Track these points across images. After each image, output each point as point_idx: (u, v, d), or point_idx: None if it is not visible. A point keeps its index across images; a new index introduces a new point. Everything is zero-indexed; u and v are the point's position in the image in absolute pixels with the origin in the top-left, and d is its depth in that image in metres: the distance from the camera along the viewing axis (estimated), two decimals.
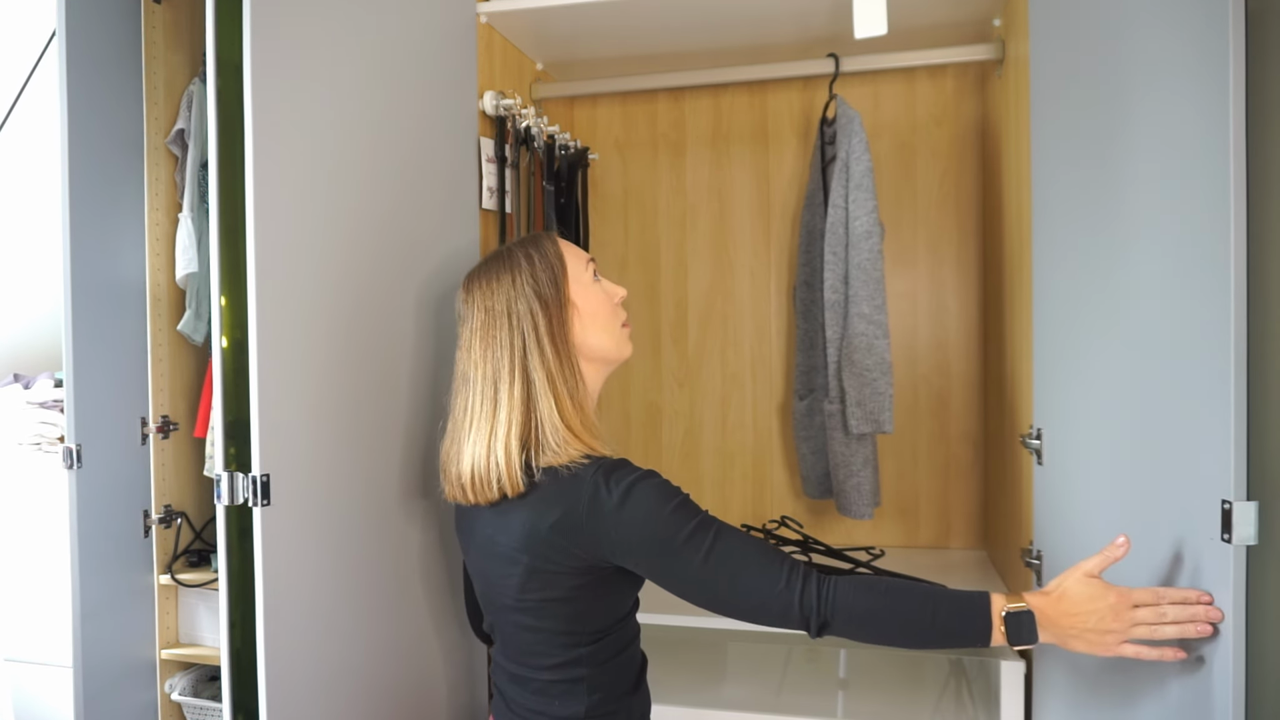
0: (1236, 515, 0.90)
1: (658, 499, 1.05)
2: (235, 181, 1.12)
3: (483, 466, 1.11)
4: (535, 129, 1.77)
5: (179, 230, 1.76)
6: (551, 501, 1.08)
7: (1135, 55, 1.09)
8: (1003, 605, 0.99)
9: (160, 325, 1.79)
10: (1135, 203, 1.10)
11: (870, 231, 1.70)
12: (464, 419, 1.15)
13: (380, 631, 1.32)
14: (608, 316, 1.20)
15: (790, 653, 1.94)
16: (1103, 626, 0.97)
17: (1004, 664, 1.51)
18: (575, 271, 1.20)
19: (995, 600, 1.00)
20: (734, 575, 1.03)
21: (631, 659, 1.21)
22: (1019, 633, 0.98)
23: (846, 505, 1.80)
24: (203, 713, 1.81)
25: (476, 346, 1.16)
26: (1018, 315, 1.60)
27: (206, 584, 1.75)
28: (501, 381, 1.13)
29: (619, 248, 2.23)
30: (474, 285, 1.20)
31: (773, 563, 1.04)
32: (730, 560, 1.04)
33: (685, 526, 1.04)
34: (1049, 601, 0.99)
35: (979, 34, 1.84)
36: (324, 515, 1.20)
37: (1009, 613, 0.99)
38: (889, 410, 1.71)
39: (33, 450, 1.94)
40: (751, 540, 1.06)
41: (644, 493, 1.06)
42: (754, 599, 1.04)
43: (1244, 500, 0.90)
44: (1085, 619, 0.97)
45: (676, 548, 1.04)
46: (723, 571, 1.03)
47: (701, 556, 1.04)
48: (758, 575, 1.03)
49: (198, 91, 1.79)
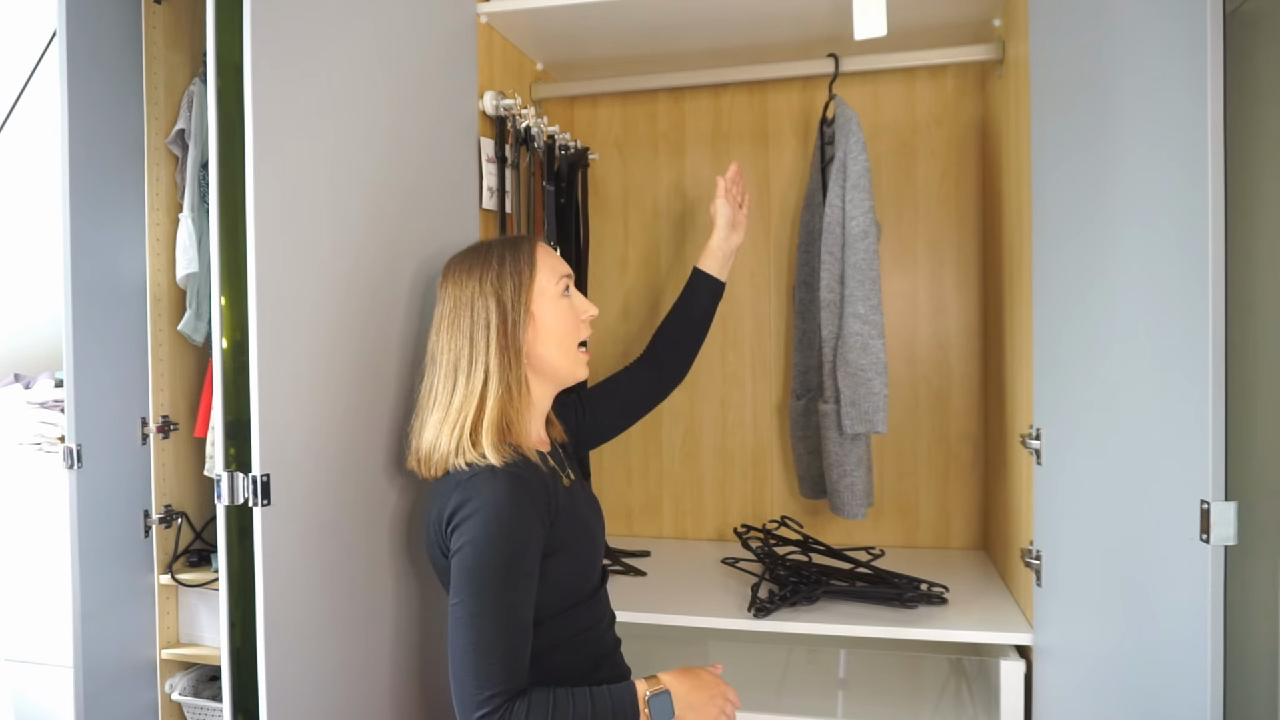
0: (1214, 515, 0.91)
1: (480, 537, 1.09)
2: (235, 181, 1.12)
3: (431, 445, 1.18)
4: (535, 129, 1.77)
5: (179, 230, 1.76)
6: (445, 494, 1.15)
7: (1121, 56, 1.10)
8: (645, 691, 1.13)
9: (160, 325, 1.79)
10: (1120, 202, 1.12)
11: (866, 231, 1.70)
12: (427, 397, 1.21)
13: (380, 631, 1.32)
14: (564, 334, 1.23)
15: (790, 653, 1.94)
16: (708, 702, 1.17)
17: (1004, 664, 1.51)
18: (543, 284, 1.22)
19: (640, 687, 1.14)
20: (461, 648, 1.07)
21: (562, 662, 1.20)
22: (660, 712, 1.13)
23: (839, 505, 1.81)
24: (203, 713, 1.81)
25: (443, 332, 1.21)
26: (1018, 315, 1.60)
27: (206, 584, 1.75)
28: (460, 370, 1.18)
29: (619, 248, 2.23)
30: (450, 272, 1.24)
31: (488, 678, 1.05)
32: (467, 636, 1.07)
33: (477, 577, 1.08)
34: (679, 679, 1.17)
35: (979, 34, 1.84)
36: (324, 515, 1.20)
37: (650, 696, 1.13)
38: (883, 410, 1.71)
39: (33, 450, 1.95)
40: (498, 641, 1.07)
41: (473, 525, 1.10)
42: (457, 683, 1.07)
43: (1222, 500, 0.91)
44: (702, 692, 1.17)
45: (459, 584, 1.09)
46: (457, 637, 1.08)
47: (460, 607, 1.08)
48: (471, 672, 1.06)
49: (198, 91, 1.79)
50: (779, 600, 1.62)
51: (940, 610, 1.61)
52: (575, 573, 1.21)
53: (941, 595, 1.64)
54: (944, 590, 1.66)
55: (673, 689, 1.14)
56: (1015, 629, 1.51)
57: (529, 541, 1.12)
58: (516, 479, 1.13)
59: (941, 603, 1.64)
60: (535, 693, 1.08)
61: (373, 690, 1.30)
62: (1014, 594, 1.67)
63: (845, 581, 1.70)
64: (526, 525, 1.11)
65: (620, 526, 2.26)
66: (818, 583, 1.68)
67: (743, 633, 1.59)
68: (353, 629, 1.26)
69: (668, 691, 1.13)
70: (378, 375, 1.32)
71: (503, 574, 1.08)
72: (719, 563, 1.95)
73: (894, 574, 1.69)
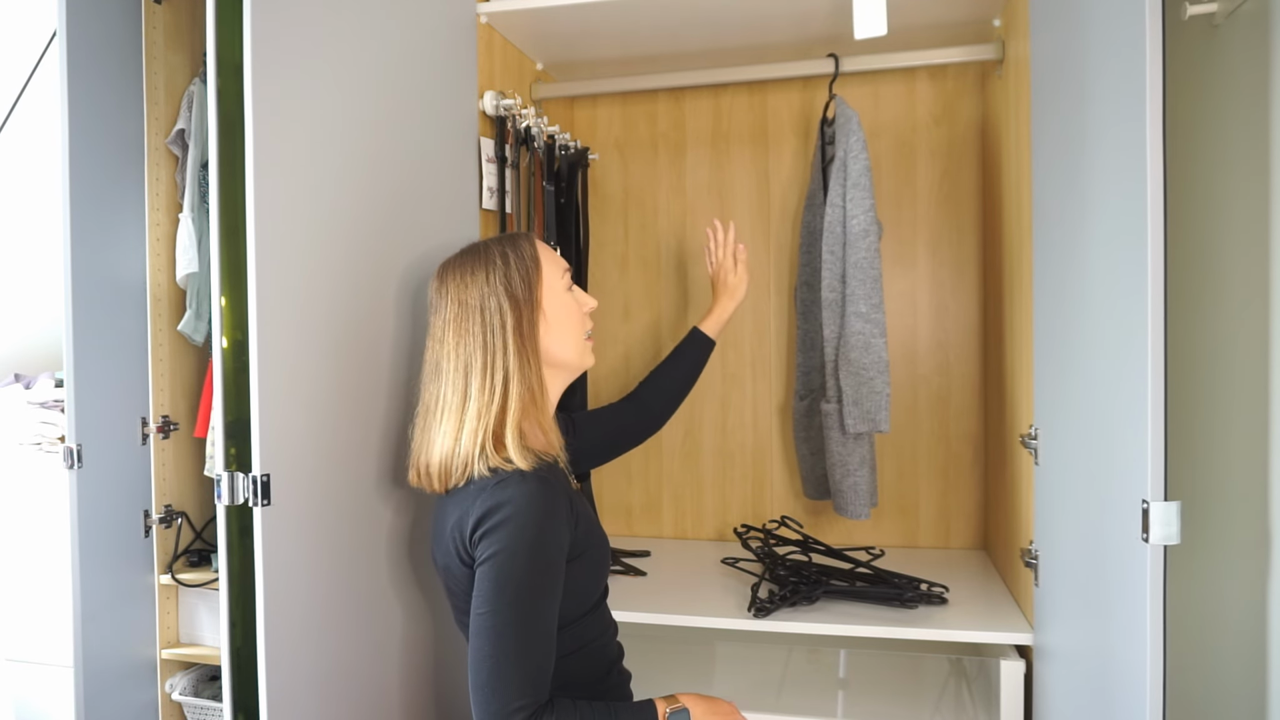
0: (1154, 515, 0.93)
1: (514, 545, 1.07)
2: (235, 181, 1.12)
3: (448, 455, 1.14)
4: (535, 129, 1.77)
5: (179, 230, 1.76)
6: (468, 501, 1.12)
7: (1099, 58, 1.11)
8: (665, 709, 1.14)
9: (160, 325, 1.80)
10: (1092, 204, 1.13)
11: (867, 230, 1.70)
12: (435, 408, 1.17)
13: (380, 631, 1.32)
14: (574, 325, 1.23)
15: (790, 653, 1.94)
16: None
17: (1004, 664, 1.51)
18: (549, 277, 1.22)
19: (659, 706, 1.14)
20: (489, 658, 1.05)
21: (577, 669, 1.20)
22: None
23: (843, 505, 1.81)
24: (203, 713, 1.81)
25: (450, 337, 1.17)
26: (1018, 315, 1.60)
27: (207, 584, 1.75)
28: (474, 374, 1.14)
29: (619, 248, 2.23)
30: (448, 276, 1.20)
31: (518, 689, 1.04)
32: (496, 646, 1.05)
33: (510, 586, 1.06)
34: (697, 701, 1.17)
35: (979, 34, 1.84)
36: (324, 515, 1.20)
37: (670, 713, 1.14)
38: (886, 410, 1.71)
39: (33, 450, 1.95)
40: (527, 652, 1.05)
41: (505, 533, 1.07)
42: (479, 692, 1.05)
43: (1162, 500, 0.93)
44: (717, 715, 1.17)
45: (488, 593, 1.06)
46: (483, 646, 1.06)
47: (490, 617, 1.06)
48: (498, 682, 1.04)
49: (198, 91, 1.79)
50: (779, 600, 1.62)
51: (940, 610, 1.61)
52: (591, 578, 1.20)
53: (941, 595, 1.64)
54: (944, 590, 1.66)
55: (691, 709, 1.15)
56: (1015, 629, 1.51)
57: (560, 548, 1.10)
58: (546, 484, 1.11)
59: (941, 603, 1.64)
60: (560, 703, 1.07)
61: (373, 690, 1.30)
62: (1014, 594, 1.67)
63: (845, 581, 1.70)
64: (557, 532, 1.10)
65: (620, 526, 2.26)
66: (818, 583, 1.68)
67: (743, 633, 1.59)
68: (353, 628, 1.26)
69: (686, 710, 1.14)
70: (378, 375, 1.32)
71: (535, 583, 1.06)
72: (719, 563, 1.95)
73: (894, 574, 1.69)
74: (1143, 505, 0.93)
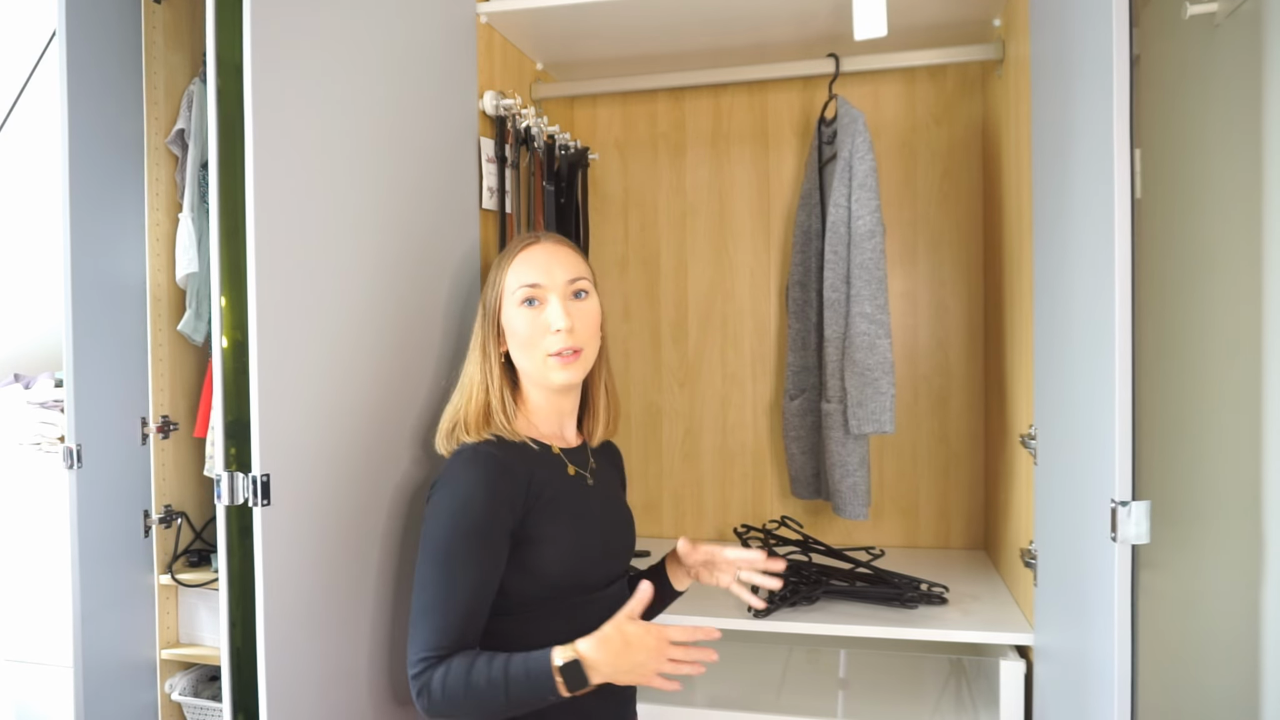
0: (1121, 515, 0.94)
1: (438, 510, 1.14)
2: (235, 181, 1.12)
3: (440, 435, 1.25)
4: (535, 129, 1.77)
5: (179, 230, 1.76)
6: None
7: (1086, 57, 1.12)
8: (559, 659, 1.07)
9: (160, 325, 1.79)
10: (1080, 204, 1.14)
11: (873, 231, 1.70)
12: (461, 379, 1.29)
13: (380, 631, 1.32)
14: (524, 340, 1.22)
15: (790, 653, 1.94)
16: (644, 663, 1.09)
17: (1004, 664, 1.51)
18: (509, 290, 1.23)
19: (555, 655, 1.08)
20: (416, 603, 1.12)
21: None
22: (574, 681, 1.07)
23: (841, 505, 1.81)
24: (203, 713, 1.81)
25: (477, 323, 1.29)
26: (1018, 315, 1.60)
27: (206, 584, 1.75)
28: (471, 360, 1.26)
29: (619, 248, 2.23)
30: None
31: (423, 642, 1.09)
32: (415, 601, 1.12)
33: (425, 546, 1.13)
34: (596, 645, 1.08)
35: (979, 34, 1.84)
36: (324, 515, 1.20)
37: (562, 664, 1.06)
38: (890, 410, 1.71)
39: (33, 450, 1.95)
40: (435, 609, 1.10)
41: (436, 499, 1.15)
42: (411, 633, 1.12)
43: (1129, 500, 0.94)
44: (631, 657, 1.08)
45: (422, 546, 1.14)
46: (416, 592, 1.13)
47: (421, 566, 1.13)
48: (411, 634, 1.11)
49: (198, 91, 1.79)
50: (779, 600, 1.62)
51: (940, 610, 1.61)
52: (559, 566, 1.18)
53: (941, 595, 1.64)
54: (944, 590, 1.66)
55: (594, 656, 1.07)
56: (1015, 629, 1.51)
57: (492, 520, 1.13)
58: (488, 459, 1.15)
59: (941, 603, 1.64)
60: (459, 657, 1.09)
61: (373, 690, 1.30)
62: (1014, 594, 1.67)
63: (845, 581, 1.70)
64: (490, 503, 1.13)
65: None
66: (818, 583, 1.68)
67: (743, 633, 1.59)
68: (353, 628, 1.26)
69: (578, 661, 1.07)
70: (378, 375, 1.32)
71: (454, 547, 1.11)
72: None
73: (894, 574, 1.69)
74: (1111, 505, 0.95)
